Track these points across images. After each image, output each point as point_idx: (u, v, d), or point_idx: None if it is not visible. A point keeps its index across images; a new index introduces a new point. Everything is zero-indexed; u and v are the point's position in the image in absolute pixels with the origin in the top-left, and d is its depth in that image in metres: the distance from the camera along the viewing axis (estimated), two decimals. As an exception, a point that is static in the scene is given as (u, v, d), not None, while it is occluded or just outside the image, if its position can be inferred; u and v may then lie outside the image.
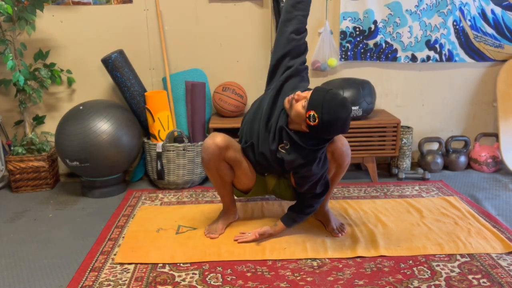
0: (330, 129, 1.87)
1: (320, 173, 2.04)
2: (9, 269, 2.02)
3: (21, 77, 2.74)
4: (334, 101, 1.83)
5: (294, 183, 2.13)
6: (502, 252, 2.07)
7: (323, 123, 1.83)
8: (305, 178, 2.05)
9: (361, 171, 3.25)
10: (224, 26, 3.03)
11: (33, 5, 2.72)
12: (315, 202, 2.15)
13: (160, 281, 1.87)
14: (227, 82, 3.05)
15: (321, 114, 1.82)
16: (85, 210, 2.65)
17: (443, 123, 3.29)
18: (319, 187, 2.09)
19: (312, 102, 1.84)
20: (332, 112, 1.82)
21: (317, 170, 2.01)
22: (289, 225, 2.20)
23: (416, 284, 1.83)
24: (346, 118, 1.85)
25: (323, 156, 2.03)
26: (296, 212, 2.18)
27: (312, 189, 2.09)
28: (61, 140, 2.71)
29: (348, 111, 1.85)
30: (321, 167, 2.03)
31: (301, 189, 2.10)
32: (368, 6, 3.00)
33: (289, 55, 2.07)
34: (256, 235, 2.15)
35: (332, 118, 1.83)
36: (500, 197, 2.74)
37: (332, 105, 1.82)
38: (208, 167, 2.12)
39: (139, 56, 3.04)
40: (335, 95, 1.86)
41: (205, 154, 2.08)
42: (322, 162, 2.03)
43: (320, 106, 1.82)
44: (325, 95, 1.84)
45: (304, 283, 1.85)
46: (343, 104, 1.84)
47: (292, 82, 2.05)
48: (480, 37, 3.09)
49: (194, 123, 2.91)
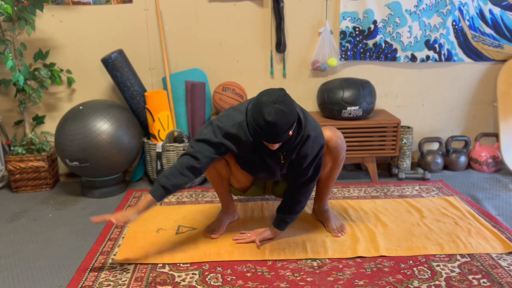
0: (253, 113, 1.80)
1: (315, 150, 1.99)
2: (9, 269, 2.02)
3: (21, 77, 2.74)
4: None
5: (295, 176, 2.08)
6: (502, 252, 2.06)
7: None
8: (306, 164, 2.00)
9: (361, 171, 3.25)
10: (224, 26, 3.03)
11: (33, 5, 2.72)
12: (304, 194, 2.10)
13: (160, 281, 1.87)
14: (227, 82, 3.05)
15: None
16: (85, 210, 2.65)
17: (443, 123, 3.29)
18: (312, 169, 2.04)
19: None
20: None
21: (311, 149, 1.98)
22: (283, 229, 2.18)
23: (416, 284, 1.83)
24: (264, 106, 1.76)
25: (309, 134, 1.95)
26: (286, 214, 2.14)
27: (306, 172, 2.04)
28: (61, 140, 2.71)
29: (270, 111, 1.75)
30: (311, 144, 1.96)
31: (304, 177, 2.04)
32: (368, 6, 3.00)
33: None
34: (257, 242, 2.12)
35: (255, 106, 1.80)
36: (500, 197, 2.74)
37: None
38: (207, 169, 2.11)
39: (139, 56, 3.04)
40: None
41: None
42: (312, 140, 1.95)
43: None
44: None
45: (304, 283, 1.85)
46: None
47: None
48: (478, 37, 3.09)
49: (194, 123, 2.91)
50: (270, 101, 1.74)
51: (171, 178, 1.90)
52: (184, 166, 1.91)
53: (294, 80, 3.14)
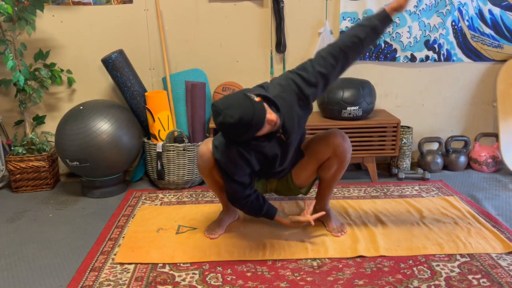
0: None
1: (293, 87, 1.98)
2: (9, 269, 2.02)
3: (21, 77, 2.74)
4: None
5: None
6: (502, 252, 2.07)
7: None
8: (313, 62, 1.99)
9: (361, 171, 3.25)
10: (224, 26, 3.04)
11: (33, 5, 2.72)
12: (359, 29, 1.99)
13: (160, 281, 1.88)
14: (227, 82, 3.05)
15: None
16: (85, 210, 2.65)
17: (443, 123, 3.29)
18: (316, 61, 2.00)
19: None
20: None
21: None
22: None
23: (416, 284, 1.84)
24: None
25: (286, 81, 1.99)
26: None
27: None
28: (61, 140, 2.71)
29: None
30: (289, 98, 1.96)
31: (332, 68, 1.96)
32: (368, 6, 3.00)
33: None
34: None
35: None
36: (500, 197, 2.74)
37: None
38: (204, 173, 2.12)
39: (139, 56, 3.04)
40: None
41: (201, 161, 2.09)
42: (286, 99, 1.96)
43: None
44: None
45: (304, 283, 1.85)
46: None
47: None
48: (478, 37, 3.09)
49: (194, 123, 2.91)
50: (220, 110, 1.75)
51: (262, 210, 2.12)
52: (257, 203, 2.11)
53: (294, 80, 3.13)
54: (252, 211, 2.14)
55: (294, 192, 2.30)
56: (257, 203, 2.10)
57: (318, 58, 1.98)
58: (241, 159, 1.95)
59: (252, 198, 2.08)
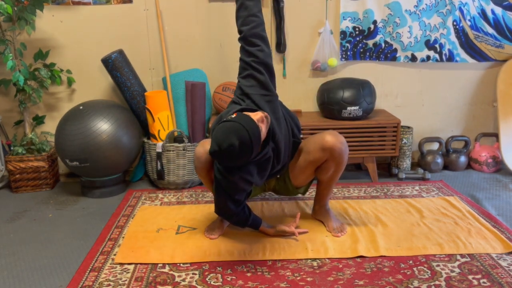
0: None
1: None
2: (9, 269, 2.02)
3: (21, 77, 2.74)
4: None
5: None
6: (502, 252, 2.07)
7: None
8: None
9: (361, 171, 3.25)
10: (224, 26, 3.03)
11: (33, 5, 2.72)
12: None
13: (160, 281, 1.87)
14: (227, 82, 3.05)
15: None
16: (85, 210, 2.65)
17: (443, 123, 3.29)
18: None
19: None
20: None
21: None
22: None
23: (416, 284, 1.83)
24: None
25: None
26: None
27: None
28: (61, 140, 2.71)
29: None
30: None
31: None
32: (368, 6, 3.00)
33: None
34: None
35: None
36: (500, 197, 2.74)
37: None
38: (201, 174, 2.12)
39: (139, 56, 3.04)
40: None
41: (198, 163, 2.08)
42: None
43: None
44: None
45: (304, 283, 1.85)
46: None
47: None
48: (481, 37, 3.08)
49: (194, 123, 2.91)
50: (219, 150, 1.76)
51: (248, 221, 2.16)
52: (244, 215, 2.15)
53: (294, 80, 3.14)
54: (238, 223, 2.17)
55: (292, 192, 2.30)
56: (244, 215, 2.14)
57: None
58: (245, 184, 1.97)
59: (239, 210, 2.10)
